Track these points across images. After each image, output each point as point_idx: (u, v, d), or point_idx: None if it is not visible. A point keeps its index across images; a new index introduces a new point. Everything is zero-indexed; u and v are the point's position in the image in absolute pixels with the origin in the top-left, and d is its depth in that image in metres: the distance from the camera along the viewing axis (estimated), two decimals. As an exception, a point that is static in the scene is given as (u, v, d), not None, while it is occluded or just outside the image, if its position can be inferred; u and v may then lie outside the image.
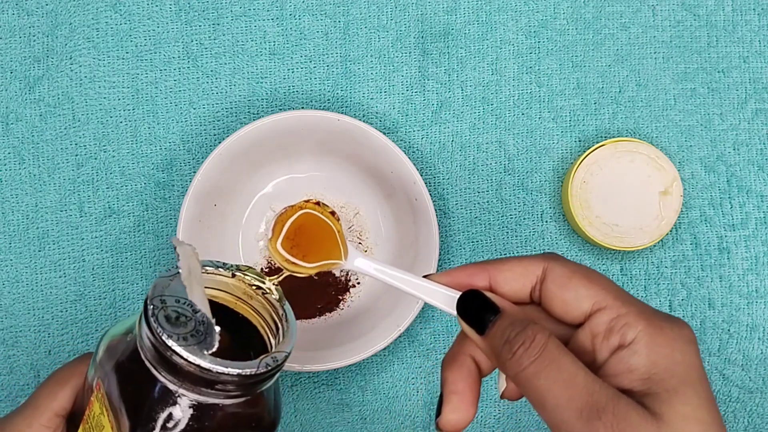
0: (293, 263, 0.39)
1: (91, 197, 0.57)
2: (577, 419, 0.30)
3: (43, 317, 0.56)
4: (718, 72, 0.59)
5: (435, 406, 0.58)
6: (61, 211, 0.57)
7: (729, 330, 0.58)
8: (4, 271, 0.56)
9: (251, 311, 0.40)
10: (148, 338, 0.35)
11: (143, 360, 0.35)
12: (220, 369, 0.34)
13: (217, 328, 0.35)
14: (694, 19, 0.59)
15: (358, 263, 0.39)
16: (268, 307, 0.40)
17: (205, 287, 0.38)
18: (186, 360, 0.34)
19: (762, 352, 0.58)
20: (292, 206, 0.40)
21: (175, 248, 0.36)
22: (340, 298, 0.57)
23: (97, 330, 0.57)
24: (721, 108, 0.59)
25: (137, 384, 0.35)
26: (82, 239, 0.57)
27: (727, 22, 0.59)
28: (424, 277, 0.37)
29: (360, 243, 0.57)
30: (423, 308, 0.57)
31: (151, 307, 0.35)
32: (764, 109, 0.59)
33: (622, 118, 0.59)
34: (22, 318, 0.56)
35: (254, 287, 0.40)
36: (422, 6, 0.58)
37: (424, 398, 0.58)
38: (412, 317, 0.53)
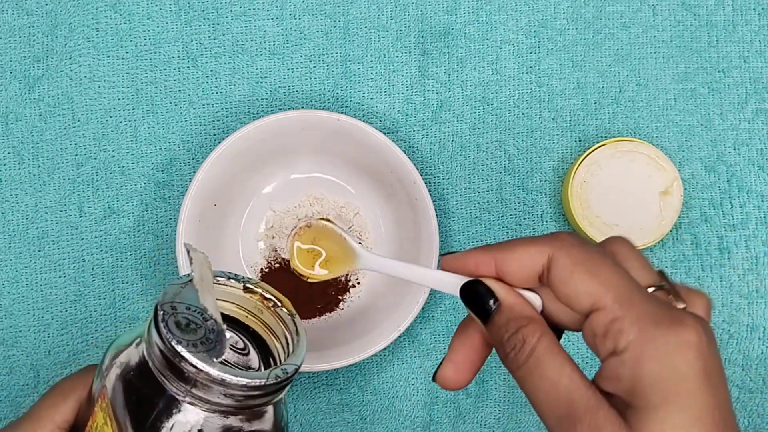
0: (315, 274, 0.42)
1: (90, 197, 0.57)
2: (557, 426, 0.31)
3: (43, 317, 0.56)
4: (719, 72, 0.59)
5: (435, 406, 0.58)
6: (61, 211, 0.57)
7: (729, 330, 0.58)
8: (4, 271, 0.56)
9: (261, 325, 0.39)
10: (157, 344, 0.34)
11: (151, 368, 0.35)
12: (229, 378, 0.33)
13: (229, 334, 0.34)
14: (695, 19, 0.59)
15: (371, 263, 0.40)
16: (278, 321, 0.39)
17: (216, 299, 0.38)
18: (195, 367, 0.33)
19: (762, 353, 0.58)
20: (302, 225, 0.42)
21: (188, 252, 0.36)
22: (340, 298, 0.57)
23: (96, 330, 0.56)
24: (722, 108, 0.59)
25: (143, 393, 0.35)
26: (82, 239, 0.57)
27: (727, 22, 0.59)
28: (442, 255, 0.37)
29: (360, 243, 0.57)
30: (423, 308, 0.57)
31: (161, 312, 0.34)
32: (764, 109, 0.59)
33: (622, 118, 0.59)
34: (22, 318, 0.56)
35: (265, 300, 0.39)
36: (422, 6, 0.58)
37: (424, 398, 0.58)
38: (413, 317, 0.53)
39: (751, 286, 0.58)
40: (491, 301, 0.34)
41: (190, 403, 0.34)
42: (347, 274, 0.57)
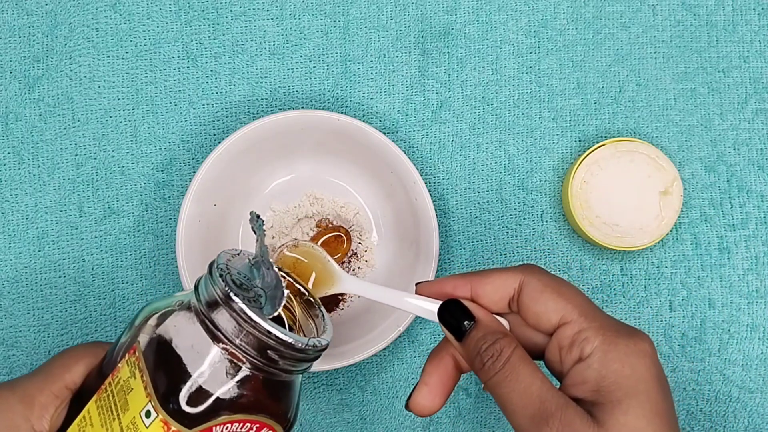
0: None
1: (90, 197, 0.57)
2: (530, 423, 0.34)
3: (43, 317, 0.56)
4: (718, 72, 0.59)
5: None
6: (61, 211, 0.57)
7: (729, 330, 0.58)
8: (4, 271, 0.56)
9: (288, 314, 0.41)
10: (209, 296, 0.36)
11: (194, 323, 0.36)
12: (277, 333, 0.35)
13: (286, 291, 0.37)
14: (694, 19, 0.59)
15: (350, 287, 0.44)
16: (303, 311, 0.41)
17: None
18: (250, 318, 0.35)
19: (762, 352, 0.58)
20: (288, 245, 0.45)
21: (258, 217, 0.39)
22: (340, 298, 0.57)
23: (96, 330, 0.56)
24: (722, 108, 0.59)
25: (185, 345, 0.36)
26: (82, 239, 0.57)
27: (727, 22, 0.59)
28: (417, 284, 0.41)
29: (360, 243, 0.57)
30: (423, 308, 0.57)
31: (219, 269, 0.37)
32: (764, 109, 0.59)
33: (622, 117, 0.59)
34: (22, 318, 0.56)
35: (294, 289, 0.41)
36: (422, 6, 0.58)
37: (424, 398, 0.58)
38: (412, 317, 0.53)
39: (752, 285, 0.58)
40: (468, 319, 0.38)
41: (231, 356, 0.36)
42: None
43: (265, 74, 0.58)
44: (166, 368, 0.36)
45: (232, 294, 0.35)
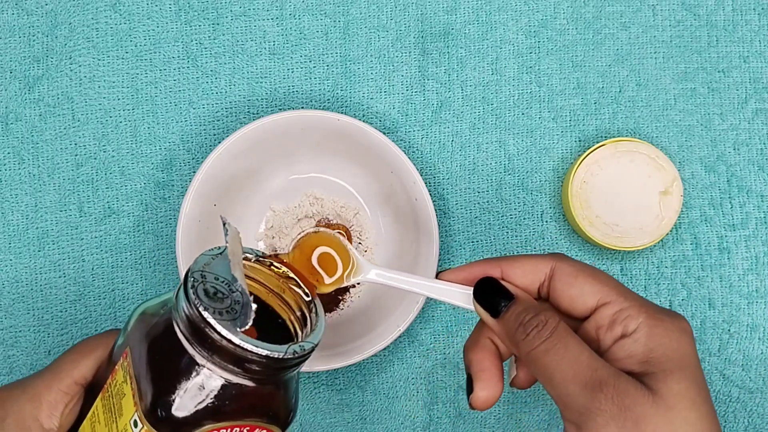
0: (318, 282, 0.42)
1: (90, 197, 0.57)
2: (582, 391, 0.34)
3: (42, 317, 0.56)
4: (718, 72, 0.59)
5: (435, 406, 0.58)
6: (61, 211, 0.57)
7: (729, 330, 0.58)
8: (4, 271, 0.56)
9: (281, 305, 0.40)
10: (184, 309, 0.35)
11: (175, 331, 0.36)
12: (250, 347, 0.34)
13: (254, 305, 0.36)
14: (694, 19, 0.59)
15: (373, 276, 0.42)
16: (299, 301, 0.40)
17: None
18: (219, 333, 0.34)
19: (762, 352, 0.58)
20: (307, 232, 0.43)
21: (224, 224, 0.37)
22: (340, 298, 0.57)
23: (96, 330, 0.56)
24: (722, 108, 0.59)
25: (166, 354, 0.36)
26: (82, 239, 0.57)
27: (727, 21, 0.59)
28: (439, 272, 0.40)
29: (360, 243, 0.57)
30: (423, 308, 0.57)
31: (191, 279, 0.35)
32: (764, 109, 0.59)
33: (622, 118, 0.59)
34: (22, 318, 0.56)
35: (287, 280, 0.40)
36: (422, 6, 0.58)
37: (424, 398, 0.58)
38: (412, 317, 0.53)
39: (752, 286, 0.58)
40: (505, 297, 0.38)
41: (209, 368, 0.35)
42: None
43: (265, 74, 0.58)
44: (151, 377, 0.36)
45: (201, 308, 0.34)
